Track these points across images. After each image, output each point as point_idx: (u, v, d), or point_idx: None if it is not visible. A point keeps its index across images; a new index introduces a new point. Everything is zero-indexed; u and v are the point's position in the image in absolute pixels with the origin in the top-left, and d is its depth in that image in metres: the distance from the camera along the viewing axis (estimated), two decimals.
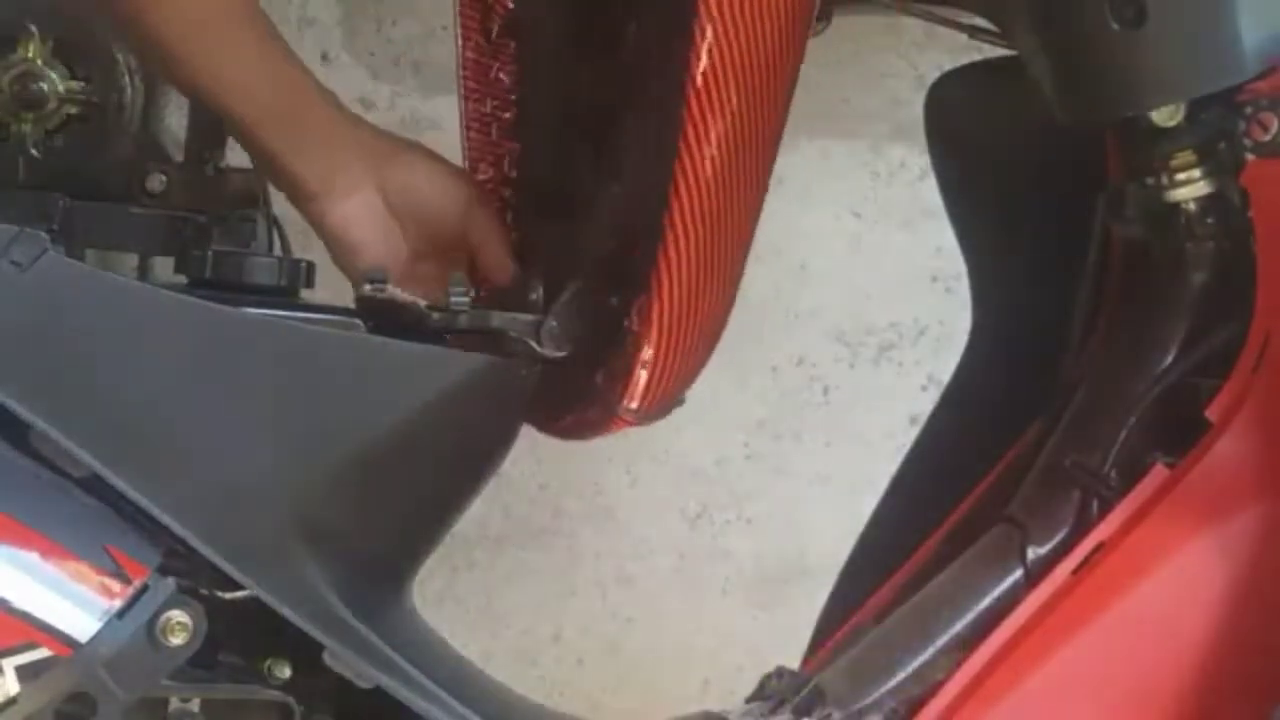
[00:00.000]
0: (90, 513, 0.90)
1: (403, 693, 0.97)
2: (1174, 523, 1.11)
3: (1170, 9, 1.08)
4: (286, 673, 0.98)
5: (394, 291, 1.05)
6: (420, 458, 1.04)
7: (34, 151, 1.04)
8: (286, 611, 0.94)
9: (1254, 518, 1.10)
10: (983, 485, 1.25)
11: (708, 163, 1.06)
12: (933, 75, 1.34)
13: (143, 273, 1.49)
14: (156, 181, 1.13)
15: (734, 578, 2.06)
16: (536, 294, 1.10)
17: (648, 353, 1.10)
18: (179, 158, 1.17)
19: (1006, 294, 1.30)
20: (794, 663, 1.25)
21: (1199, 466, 1.11)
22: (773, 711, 1.14)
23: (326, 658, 0.96)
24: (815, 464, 2.06)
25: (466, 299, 1.05)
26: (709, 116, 1.05)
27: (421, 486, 1.05)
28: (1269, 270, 1.10)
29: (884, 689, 1.12)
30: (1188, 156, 1.12)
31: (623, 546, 2.03)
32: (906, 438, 1.40)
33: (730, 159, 1.07)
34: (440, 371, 1.04)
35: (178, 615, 0.90)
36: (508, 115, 1.34)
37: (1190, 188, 1.13)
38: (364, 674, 0.97)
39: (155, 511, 0.92)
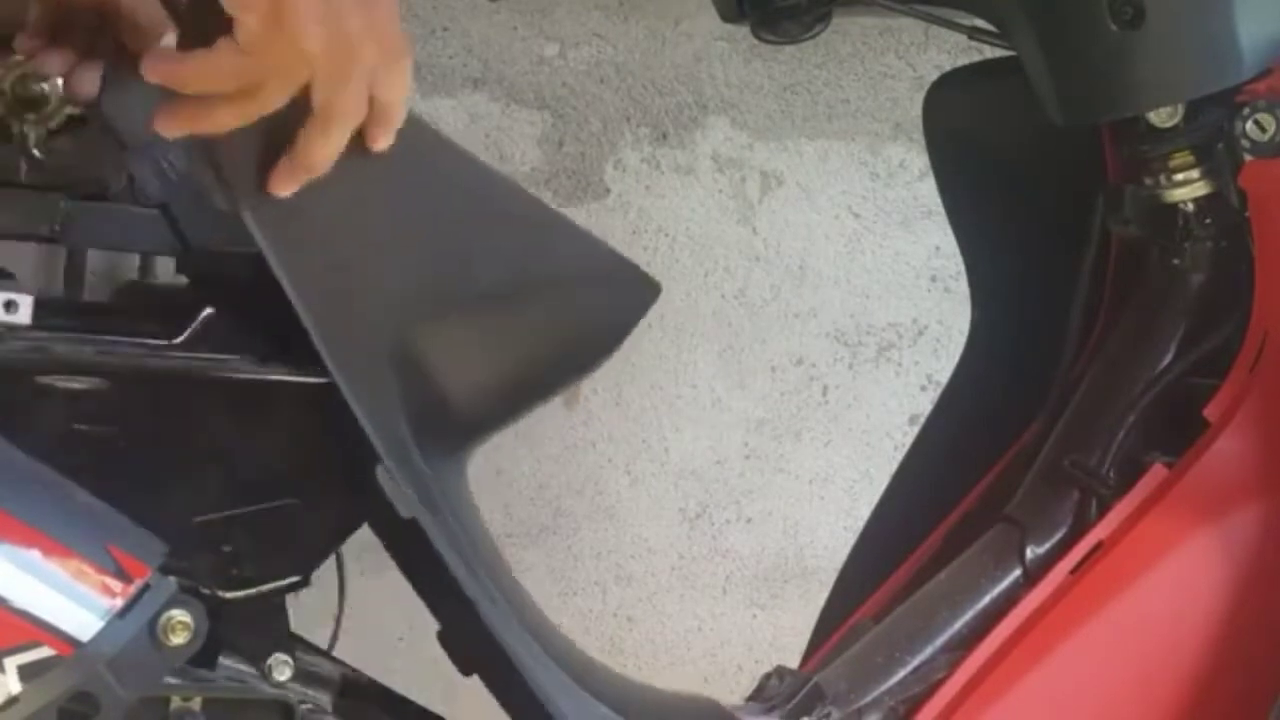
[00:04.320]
0: (92, 512, 0.90)
1: (434, 532, 0.96)
2: (1172, 522, 1.11)
3: (1168, 10, 1.08)
4: (287, 673, 0.98)
5: None
6: (538, 325, 1.05)
7: (35, 152, 1.04)
8: (359, 411, 0.93)
9: (1252, 516, 1.10)
10: (982, 484, 1.25)
11: None
12: (932, 76, 1.34)
13: (144, 273, 1.49)
14: None
15: (734, 577, 2.07)
16: None
17: None
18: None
19: (1006, 294, 1.30)
20: (793, 662, 1.25)
21: (1197, 465, 1.11)
22: (771, 709, 1.14)
23: (379, 473, 0.95)
24: (815, 464, 2.07)
25: None
26: None
27: (524, 352, 1.05)
28: (1266, 270, 1.10)
29: (883, 688, 1.12)
30: (1186, 157, 1.13)
31: (623, 546, 2.03)
32: (906, 437, 1.41)
33: None
34: (585, 253, 1.06)
35: (179, 614, 0.90)
36: None
37: (1188, 188, 1.13)
38: (408, 503, 0.96)
39: (275, 266, 0.91)
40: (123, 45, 1.01)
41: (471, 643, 1.01)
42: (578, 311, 1.07)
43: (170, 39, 0.98)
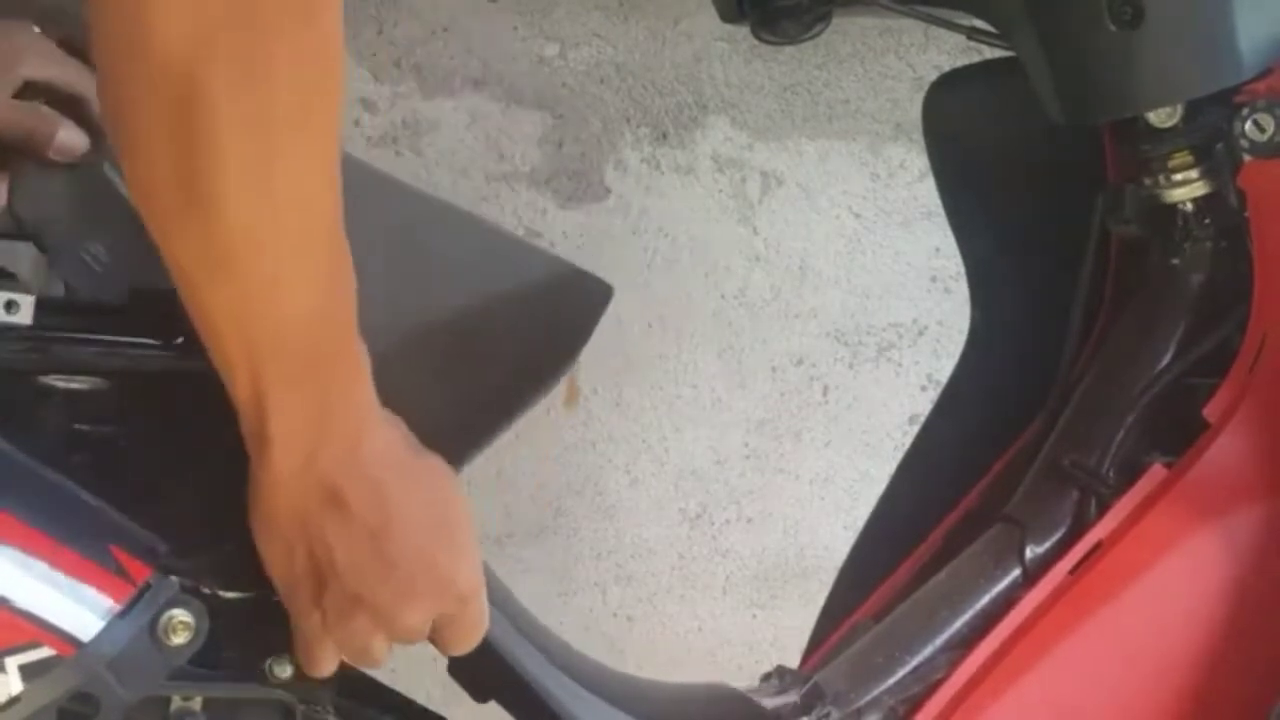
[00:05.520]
0: (93, 512, 0.90)
1: None
2: (1172, 522, 1.11)
3: (1168, 10, 1.08)
4: (288, 672, 0.98)
5: None
6: (493, 346, 1.04)
7: None
8: None
9: (1252, 516, 1.10)
10: (981, 484, 1.25)
11: None
12: (931, 76, 1.35)
13: None
14: None
15: (734, 577, 2.07)
16: None
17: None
18: None
19: (1005, 294, 1.30)
20: (793, 662, 1.26)
21: (1197, 466, 1.11)
22: (785, 690, 1.14)
23: None
24: (815, 464, 2.07)
25: None
26: None
27: (483, 375, 1.04)
28: (1266, 270, 1.10)
29: (883, 687, 1.12)
30: (1185, 157, 1.13)
31: (623, 546, 2.03)
32: (906, 438, 1.41)
33: None
34: (530, 264, 1.06)
35: (180, 614, 0.90)
36: None
37: (1188, 188, 1.14)
38: None
39: None
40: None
41: (484, 668, 1.01)
42: (531, 325, 1.06)
43: (65, 132, 0.96)
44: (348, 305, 0.85)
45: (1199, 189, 1.13)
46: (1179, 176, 1.14)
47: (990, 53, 1.25)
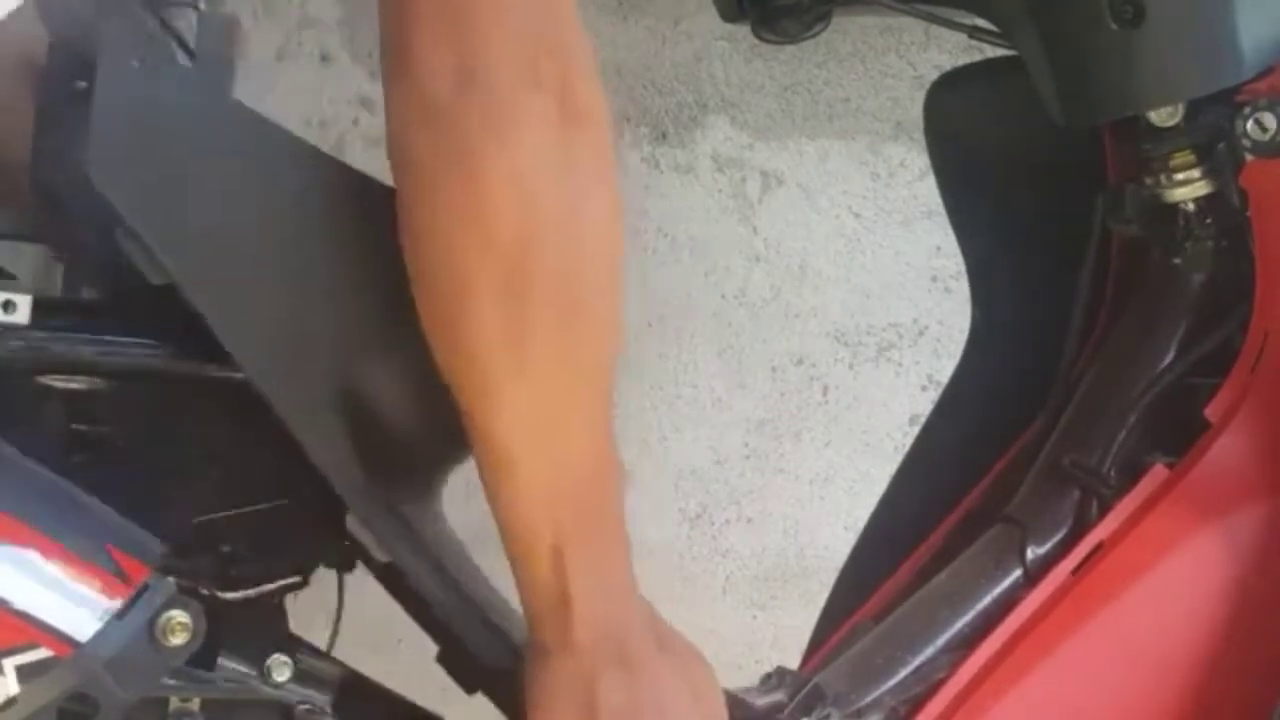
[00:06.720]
0: (91, 512, 0.90)
1: (413, 572, 0.98)
2: (1173, 522, 1.11)
3: (1169, 9, 1.08)
4: (286, 673, 0.98)
5: None
6: None
7: None
8: (319, 463, 0.93)
9: (1253, 517, 1.10)
10: (982, 484, 1.25)
11: None
12: (932, 75, 1.34)
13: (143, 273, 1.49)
14: None
15: (734, 577, 2.07)
16: None
17: None
18: None
19: (1006, 293, 1.30)
20: (793, 663, 1.25)
21: (1198, 466, 1.11)
22: (776, 688, 1.14)
23: (349, 522, 0.97)
24: (815, 464, 2.07)
25: None
26: None
27: None
28: (1267, 270, 1.10)
29: (884, 688, 1.12)
30: (1186, 156, 1.13)
31: None
32: (906, 438, 1.40)
33: None
34: None
35: (178, 615, 0.90)
36: None
37: (1189, 188, 1.13)
38: (382, 547, 0.98)
39: (218, 332, 0.91)
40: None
41: (470, 665, 1.02)
42: None
43: None
44: (620, 459, 0.91)
45: (1200, 188, 1.13)
46: (1180, 176, 1.13)
47: (992, 52, 1.25)
